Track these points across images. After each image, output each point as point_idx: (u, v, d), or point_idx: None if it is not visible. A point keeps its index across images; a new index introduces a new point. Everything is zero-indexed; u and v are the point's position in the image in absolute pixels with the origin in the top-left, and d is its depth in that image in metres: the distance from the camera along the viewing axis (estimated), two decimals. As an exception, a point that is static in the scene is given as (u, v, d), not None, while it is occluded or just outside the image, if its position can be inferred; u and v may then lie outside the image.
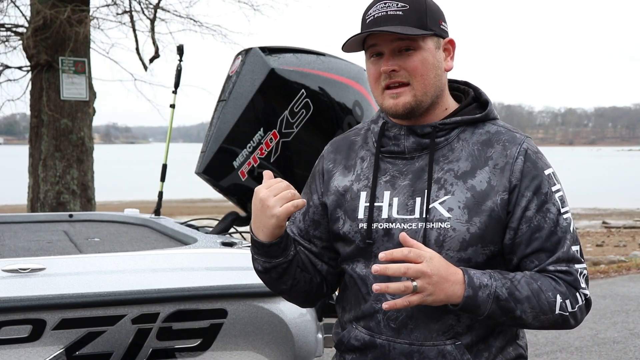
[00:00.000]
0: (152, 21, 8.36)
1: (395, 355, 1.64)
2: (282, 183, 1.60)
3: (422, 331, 1.62)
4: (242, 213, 3.81)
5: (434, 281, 1.48)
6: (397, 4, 1.61)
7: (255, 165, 3.55)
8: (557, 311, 1.58)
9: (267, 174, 1.64)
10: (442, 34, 1.66)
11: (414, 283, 1.47)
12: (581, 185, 33.82)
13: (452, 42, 1.70)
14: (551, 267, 1.61)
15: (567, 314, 1.60)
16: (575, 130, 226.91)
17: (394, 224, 1.64)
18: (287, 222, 1.67)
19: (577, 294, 1.62)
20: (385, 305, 1.50)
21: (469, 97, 1.74)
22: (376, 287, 1.47)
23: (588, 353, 5.50)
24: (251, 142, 3.54)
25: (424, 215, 1.61)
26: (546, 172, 1.64)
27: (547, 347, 5.62)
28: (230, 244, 3.17)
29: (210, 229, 3.76)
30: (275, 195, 1.58)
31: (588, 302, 1.65)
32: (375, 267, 1.47)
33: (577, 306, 1.61)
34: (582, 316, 1.65)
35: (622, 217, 20.31)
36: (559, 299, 1.58)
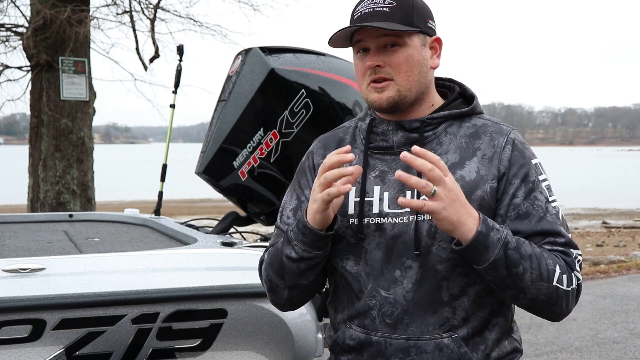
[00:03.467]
0: (152, 21, 8.36)
1: (392, 351, 1.64)
2: (334, 160, 1.54)
3: (419, 325, 1.62)
4: (242, 213, 3.81)
5: (452, 197, 1.46)
6: (384, 1, 1.63)
7: (255, 165, 3.55)
8: (555, 283, 1.56)
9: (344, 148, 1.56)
10: (428, 31, 1.69)
11: (435, 188, 1.44)
12: (581, 185, 33.83)
13: (438, 41, 1.72)
14: (547, 247, 1.60)
15: (563, 290, 1.57)
16: (575, 130, 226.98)
17: (385, 218, 1.64)
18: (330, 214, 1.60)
19: (573, 275, 1.60)
20: (400, 199, 1.46)
21: (455, 92, 1.77)
22: (400, 173, 1.44)
23: (588, 353, 5.50)
24: (251, 142, 3.53)
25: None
26: (533, 161, 1.67)
27: (547, 347, 5.62)
28: (230, 244, 3.17)
29: (210, 229, 3.76)
30: (323, 178, 1.54)
31: (579, 289, 1.63)
32: (405, 154, 1.44)
33: (571, 287, 1.59)
34: (572, 303, 1.62)
35: (622, 217, 20.31)
36: (557, 270, 1.57)
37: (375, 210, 1.65)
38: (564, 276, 1.58)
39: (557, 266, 1.57)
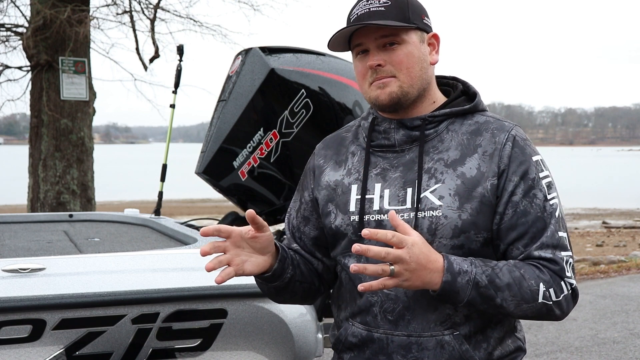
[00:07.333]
0: (152, 21, 8.36)
1: (394, 348, 1.64)
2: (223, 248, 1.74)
3: (420, 322, 1.62)
4: (242, 213, 3.81)
5: (412, 268, 1.47)
6: (379, 1, 1.64)
7: (255, 165, 3.55)
8: (540, 300, 1.57)
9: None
10: (425, 28, 1.69)
11: (392, 267, 1.46)
12: (581, 185, 33.83)
13: (436, 37, 1.73)
14: (536, 253, 1.60)
15: (551, 303, 1.58)
16: (575, 130, 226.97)
17: (385, 215, 1.65)
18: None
19: (563, 282, 1.60)
20: (360, 287, 1.49)
21: (458, 90, 1.76)
22: (354, 267, 1.47)
23: (588, 353, 5.50)
24: (251, 142, 3.54)
25: (415, 205, 1.62)
26: (534, 158, 1.66)
27: (547, 347, 5.62)
28: (230, 244, 3.17)
29: (210, 229, 3.75)
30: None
31: (574, 292, 1.63)
32: (356, 247, 1.45)
33: (562, 295, 1.59)
34: (569, 306, 1.63)
35: (622, 217, 20.32)
36: (542, 287, 1.57)
37: (376, 207, 1.66)
38: (551, 290, 1.58)
39: (541, 283, 1.57)
